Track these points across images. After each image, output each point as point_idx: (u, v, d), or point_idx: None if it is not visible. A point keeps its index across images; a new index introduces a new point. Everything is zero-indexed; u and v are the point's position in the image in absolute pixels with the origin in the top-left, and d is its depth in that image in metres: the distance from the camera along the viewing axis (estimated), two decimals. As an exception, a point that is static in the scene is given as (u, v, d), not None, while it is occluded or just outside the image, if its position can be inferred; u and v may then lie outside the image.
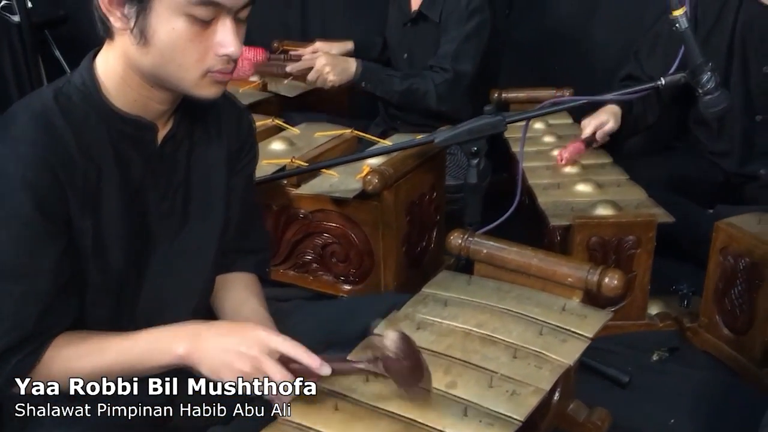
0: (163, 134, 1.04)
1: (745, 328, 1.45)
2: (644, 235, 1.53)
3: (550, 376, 1.04)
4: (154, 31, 0.91)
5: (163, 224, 1.06)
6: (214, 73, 0.95)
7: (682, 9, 1.33)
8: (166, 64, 0.93)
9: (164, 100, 1.00)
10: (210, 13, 0.92)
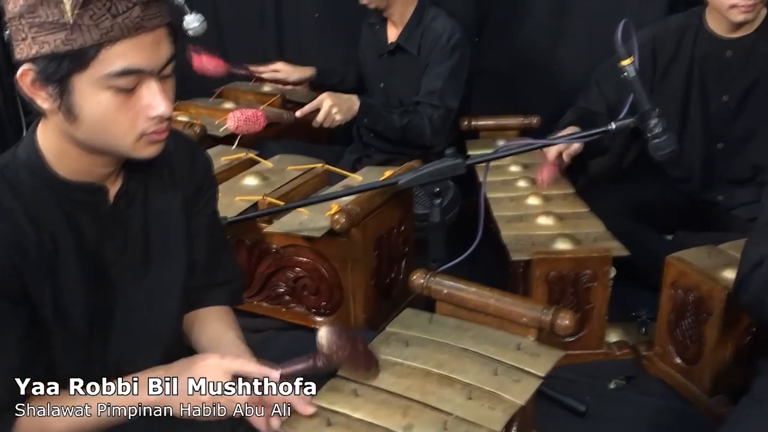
0: (114, 191, 1.08)
1: (696, 358, 1.52)
2: (600, 269, 1.61)
3: (502, 417, 1.10)
4: (81, 108, 0.94)
5: (124, 276, 1.10)
6: (149, 134, 0.99)
7: (630, 59, 1.40)
8: (99, 135, 0.97)
9: (108, 163, 1.04)
10: (132, 81, 0.94)
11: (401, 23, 2.29)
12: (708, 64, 1.97)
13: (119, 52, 0.91)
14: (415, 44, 2.27)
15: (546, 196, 1.91)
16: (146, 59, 0.93)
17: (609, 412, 1.55)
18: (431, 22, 2.26)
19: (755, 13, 1.84)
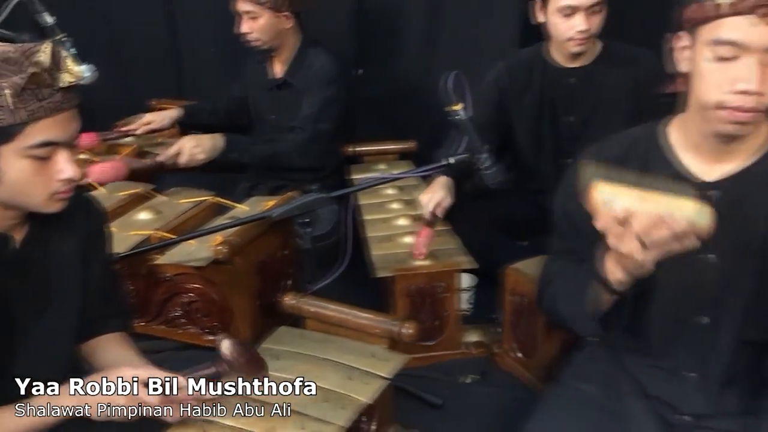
0: (21, 237, 1.26)
1: (531, 352, 1.81)
2: (452, 281, 1.86)
3: (350, 414, 1.34)
4: (4, 173, 1.13)
5: (26, 313, 1.27)
6: (59, 194, 1.19)
7: (461, 105, 1.66)
8: (17, 195, 1.16)
9: (16, 216, 1.23)
10: (49, 151, 1.14)
11: (287, 60, 2.52)
12: (555, 90, 2.23)
13: (41, 128, 1.12)
14: (299, 79, 2.50)
15: (414, 216, 2.16)
16: (62, 133, 1.15)
17: (464, 404, 1.80)
18: (313, 58, 2.48)
19: (588, 45, 2.12)
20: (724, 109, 1.19)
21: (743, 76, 1.15)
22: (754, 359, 1.35)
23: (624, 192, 1.14)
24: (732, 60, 1.16)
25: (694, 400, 1.39)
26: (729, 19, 1.15)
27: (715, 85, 1.19)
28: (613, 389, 1.46)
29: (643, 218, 1.11)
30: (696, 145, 1.30)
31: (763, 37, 1.14)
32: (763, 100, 1.16)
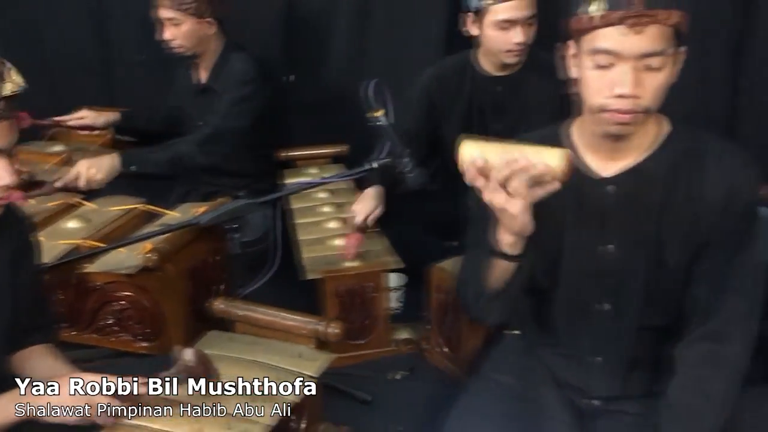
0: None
1: (456, 347, 1.88)
2: (380, 281, 1.93)
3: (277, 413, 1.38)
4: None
5: None
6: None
7: (382, 111, 1.73)
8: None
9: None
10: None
11: (210, 65, 2.55)
12: (483, 97, 2.29)
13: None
14: (220, 83, 2.53)
15: (345, 219, 2.22)
16: (2, 142, 1.18)
17: (393, 399, 1.87)
18: (234, 62, 2.52)
19: (526, 54, 2.19)
20: (607, 112, 1.29)
21: (619, 81, 1.25)
22: (655, 343, 1.44)
23: (488, 147, 1.25)
24: (609, 67, 1.26)
25: (600, 384, 1.49)
26: (603, 30, 1.25)
27: (597, 90, 1.29)
28: (528, 379, 1.55)
29: (502, 165, 1.22)
30: (592, 144, 1.40)
31: (634, 45, 1.23)
32: (639, 102, 1.26)
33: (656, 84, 1.27)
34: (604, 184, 1.40)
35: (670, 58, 1.27)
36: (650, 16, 1.21)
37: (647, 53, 1.24)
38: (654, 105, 1.29)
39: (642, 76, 1.25)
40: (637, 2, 1.21)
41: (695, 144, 1.38)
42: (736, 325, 1.37)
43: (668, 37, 1.25)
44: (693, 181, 1.36)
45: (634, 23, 1.22)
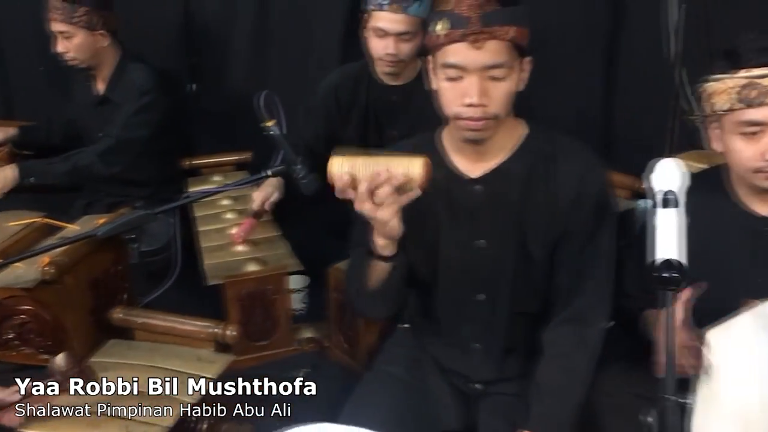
0: None
1: (354, 343, 1.98)
2: (280, 283, 2.01)
3: (175, 414, 1.45)
4: None
5: None
6: None
7: (273, 121, 1.80)
8: None
9: None
10: None
11: (107, 77, 2.56)
12: (379, 105, 2.38)
13: None
14: (118, 94, 2.56)
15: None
16: None
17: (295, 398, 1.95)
18: (132, 73, 2.55)
19: (399, 68, 2.27)
20: (461, 119, 1.42)
21: (467, 92, 1.38)
22: (528, 329, 1.58)
23: (356, 160, 1.36)
24: (458, 79, 1.39)
25: (480, 369, 1.62)
26: (449, 46, 1.38)
27: (451, 100, 1.42)
28: (416, 368, 1.67)
29: (366, 176, 1.34)
30: (459, 149, 1.53)
31: (477, 59, 1.37)
32: (487, 109, 1.40)
33: (501, 92, 1.41)
34: (472, 184, 1.52)
35: (513, 68, 1.41)
36: (488, 33, 1.35)
37: (489, 65, 1.37)
38: (502, 111, 1.43)
39: (488, 86, 1.39)
40: (475, 21, 1.35)
41: (550, 145, 1.53)
42: (594, 307, 1.52)
43: (508, 50, 1.38)
44: (549, 178, 1.51)
45: (474, 40, 1.35)
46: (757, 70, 1.35)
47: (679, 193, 1.19)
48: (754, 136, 1.38)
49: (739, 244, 1.52)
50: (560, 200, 1.50)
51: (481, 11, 1.36)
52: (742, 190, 1.51)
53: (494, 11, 1.37)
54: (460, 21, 1.36)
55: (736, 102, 1.37)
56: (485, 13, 1.36)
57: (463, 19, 1.36)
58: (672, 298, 1.15)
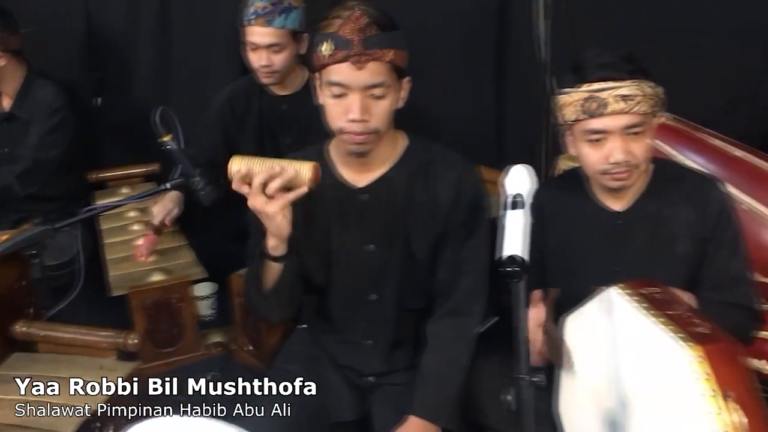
0: None
1: (260, 345, 2.08)
2: (185, 291, 2.08)
3: (74, 421, 1.51)
4: None
5: None
6: None
7: (170, 136, 1.88)
8: None
9: None
10: None
11: (12, 94, 2.57)
12: (271, 115, 2.48)
13: None
14: (25, 110, 2.57)
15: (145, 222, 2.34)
16: None
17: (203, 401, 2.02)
18: (38, 90, 2.57)
19: (276, 77, 2.35)
20: (344, 133, 1.54)
21: (350, 108, 1.51)
22: (415, 323, 1.72)
23: (252, 161, 1.49)
24: (342, 96, 1.51)
25: (372, 363, 1.74)
26: (333, 66, 1.50)
27: (335, 115, 1.54)
28: (314, 365, 1.78)
29: (261, 173, 1.46)
30: (345, 160, 1.65)
31: (359, 78, 1.49)
32: (368, 125, 1.52)
33: (382, 109, 1.53)
34: (359, 193, 1.65)
35: (392, 87, 1.53)
36: (368, 55, 1.47)
37: (370, 85, 1.50)
38: (382, 126, 1.55)
39: (369, 103, 1.51)
40: (357, 44, 1.46)
41: (428, 154, 1.67)
42: (472, 301, 1.67)
43: (387, 71, 1.51)
44: (428, 185, 1.65)
45: (356, 61, 1.47)
46: (597, 84, 1.52)
47: (526, 196, 1.34)
48: (599, 143, 1.56)
49: (596, 237, 1.70)
50: (439, 204, 1.64)
51: (362, 35, 1.48)
52: (596, 189, 1.69)
53: (375, 35, 1.48)
54: (344, 43, 1.48)
55: (581, 113, 1.54)
56: (366, 37, 1.48)
57: (347, 42, 1.47)
58: (524, 292, 1.29)
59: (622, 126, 1.53)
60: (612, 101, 1.52)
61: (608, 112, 1.52)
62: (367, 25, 1.49)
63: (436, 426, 1.57)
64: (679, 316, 1.28)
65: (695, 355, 1.17)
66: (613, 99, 1.52)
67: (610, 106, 1.52)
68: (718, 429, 1.13)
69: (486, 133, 2.85)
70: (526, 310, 1.29)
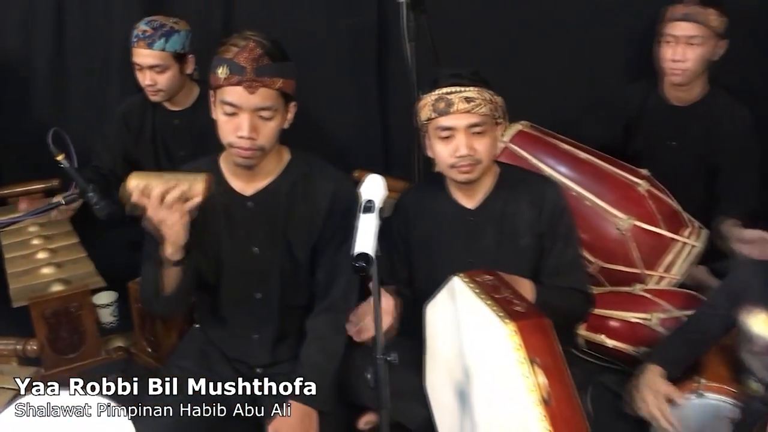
0: None
1: (158, 347, 2.23)
2: (84, 300, 2.21)
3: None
4: None
5: None
6: None
7: (63, 155, 2.01)
8: None
9: None
10: None
11: None
12: (165, 129, 2.63)
13: None
14: None
15: (53, 249, 2.45)
16: None
17: (108, 398, 2.16)
18: None
19: (161, 96, 2.50)
20: (234, 148, 1.72)
21: (240, 126, 1.69)
22: (298, 319, 1.91)
23: (150, 176, 1.65)
24: (234, 115, 1.69)
25: (259, 355, 1.93)
26: (228, 88, 1.68)
27: (227, 131, 1.71)
28: (205, 360, 1.95)
29: (158, 187, 1.63)
30: (235, 171, 1.83)
31: (249, 101, 1.68)
32: (255, 142, 1.71)
33: (269, 130, 1.72)
34: (246, 200, 1.83)
35: (279, 111, 1.73)
36: (259, 82, 1.66)
37: (259, 107, 1.69)
38: (268, 144, 1.74)
39: (258, 123, 1.70)
40: (250, 71, 1.66)
41: (308, 167, 1.87)
42: (346, 298, 1.88)
43: (276, 96, 1.71)
44: (308, 195, 1.85)
45: (247, 86, 1.66)
46: (446, 88, 1.78)
47: (377, 202, 1.56)
48: (447, 139, 1.81)
49: (453, 232, 1.94)
50: (317, 212, 1.85)
51: (256, 64, 1.67)
52: (453, 188, 1.94)
53: (266, 65, 1.68)
54: (238, 69, 1.67)
55: (432, 112, 1.80)
56: (259, 66, 1.67)
57: (241, 68, 1.66)
58: (377, 284, 1.51)
59: (466, 124, 1.80)
60: (457, 101, 1.78)
61: (454, 111, 1.79)
62: (260, 56, 1.68)
63: (313, 409, 1.77)
64: (504, 298, 1.53)
65: (510, 330, 1.42)
66: (459, 100, 1.78)
67: (455, 105, 1.78)
68: (527, 389, 1.38)
69: (373, 138, 3.08)
70: (379, 299, 1.52)
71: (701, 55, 2.37)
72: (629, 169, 2.40)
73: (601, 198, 2.32)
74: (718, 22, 2.35)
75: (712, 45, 2.37)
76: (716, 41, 2.37)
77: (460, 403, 1.67)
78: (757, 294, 1.65)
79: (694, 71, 2.40)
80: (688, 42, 2.35)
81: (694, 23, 2.34)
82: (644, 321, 2.10)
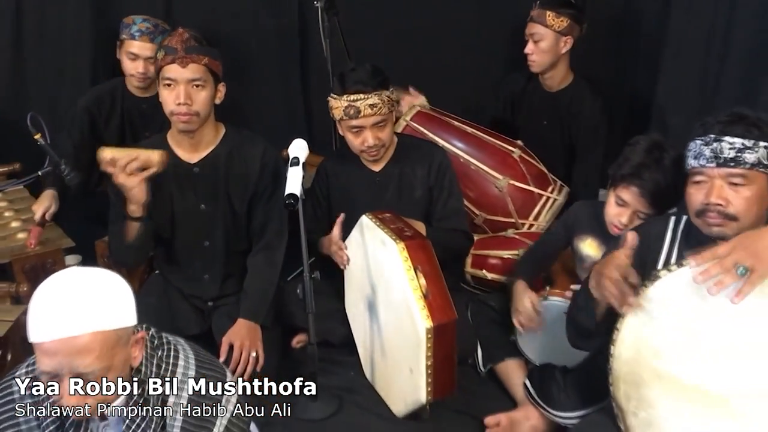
0: None
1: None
2: (57, 257, 2.62)
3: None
4: None
5: None
6: None
7: (39, 135, 2.42)
8: None
9: None
10: None
11: None
12: (133, 113, 2.96)
13: None
14: None
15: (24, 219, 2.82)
16: None
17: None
18: None
19: (147, 83, 2.84)
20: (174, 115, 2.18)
21: (178, 95, 2.14)
22: (241, 260, 2.38)
23: (117, 150, 2.09)
24: (173, 87, 2.15)
25: (209, 291, 2.40)
26: (166, 66, 2.15)
27: (169, 102, 2.17)
28: (165, 296, 2.41)
29: (123, 158, 2.04)
30: (180, 143, 2.29)
31: (183, 74, 2.14)
32: (191, 108, 2.16)
33: (201, 98, 2.18)
34: (192, 167, 2.30)
35: (209, 84, 2.18)
36: (188, 58, 2.14)
37: (191, 79, 2.15)
38: (202, 111, 2.19)
39: (191, 92, 2.16)
40: (180, 50, 2.13)
41: (240, 137, 2.35)
42: (278, 238, 2.37)
43: (204, 71, 2.17)
44: (241, 159, 2.32)
45: (180, 62, 2.13)
46: (353, 96, 2.29)
47: (302, 158, 2.08)
48: (357, 132, 2.34)
49: (364, 190, 2.47)
50: (250, 173, 2.33)
51: (185, 45, 2.15)
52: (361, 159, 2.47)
53: (194, 46, 2.16)
54: (172, 50, 2.14)
55: (344, 116, 2.32)
56: (188, 46, 2.15)
57: (174, 49, 2.14)
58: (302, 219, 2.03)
59: (371, 123, 2.32)
60: (363, 108, 2.29)
61: (361, 116, 2.30)
62: (188, 38, 2.16)
63: (256, 323, 2.26)
64: (397, 227, 2.07)
65: (400, 247, 1.96)
66: (365, 107, 2.29)
67: (363, 111, 2.29)
68: (412, 288, 1.92)
69: (298, 120, 3.58)
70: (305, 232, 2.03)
71: (543, 50, 2.88)
72: (506, 140, 2.97)
73: (484, 163, 2.88)
74: (556, 22, 2.85)
75: (554, 41, 2.87)
76: (558, 38, 2.87)
77: (370, 312, 2.20)
78: (585, 225, 2.23)
79: (541, 63, 2.91)
80: (533, 39, 2.89)
81: (537, 23, 2.87)
82: (514, 256, 2.67)
